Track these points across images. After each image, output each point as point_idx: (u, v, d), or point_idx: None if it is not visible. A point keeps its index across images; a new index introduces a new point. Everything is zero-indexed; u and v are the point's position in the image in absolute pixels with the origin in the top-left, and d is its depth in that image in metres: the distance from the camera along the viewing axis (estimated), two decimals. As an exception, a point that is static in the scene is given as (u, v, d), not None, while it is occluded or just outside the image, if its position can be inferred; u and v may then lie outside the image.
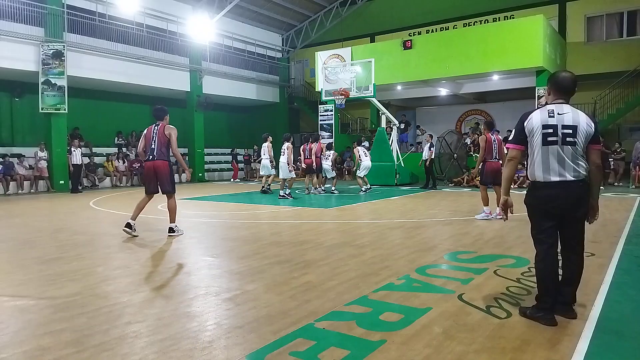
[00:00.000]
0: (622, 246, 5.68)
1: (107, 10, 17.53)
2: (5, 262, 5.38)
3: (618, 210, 9.07)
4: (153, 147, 6.69)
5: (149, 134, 6.79)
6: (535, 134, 3.21)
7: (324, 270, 4.71)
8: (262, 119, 25.39)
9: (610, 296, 3.75)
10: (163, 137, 6.69)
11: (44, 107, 15.80)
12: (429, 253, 5.48)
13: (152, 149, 6.70)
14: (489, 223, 7.61)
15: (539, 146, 3.20)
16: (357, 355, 2.75)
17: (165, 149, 6.74)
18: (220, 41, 21.87)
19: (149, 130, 6.83)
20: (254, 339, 3.00)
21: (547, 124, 3.18)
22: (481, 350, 2.80)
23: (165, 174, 6.71)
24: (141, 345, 2.93)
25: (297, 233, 7.00)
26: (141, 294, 4.00)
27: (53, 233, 7.31)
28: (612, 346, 2.87)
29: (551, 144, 3.17)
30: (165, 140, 6.70)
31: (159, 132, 6.72)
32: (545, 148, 3.18)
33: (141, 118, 21.56)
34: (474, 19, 20.24)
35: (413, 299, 3.76)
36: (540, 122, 3.20)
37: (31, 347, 2.91)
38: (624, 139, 17.30)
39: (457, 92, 20.24)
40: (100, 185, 17.66)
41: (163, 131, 6.71)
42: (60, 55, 15.64)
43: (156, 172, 6.69)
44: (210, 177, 22.51)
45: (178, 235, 6.83)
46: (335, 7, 23.91)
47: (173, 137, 6.71)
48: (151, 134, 6.76)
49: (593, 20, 18.86)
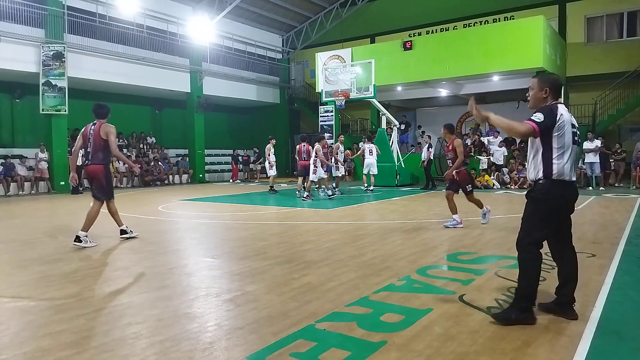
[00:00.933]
0: (622, 247, 5.67)
1: (108, 12, 17.55)
2: (6, 263, 5.38)
3: (619, 211, 9.06)
4: (89, 150, 6.24)
5: (86, 133, 6.28)
6: (566, 131, 3.19)
7: (324, 271, 4.70)
8: (262, 120, 25.40)
9: (610, 297, 3.74)
10: (99, 138, 6.18)
11: (45, 108, 15.81)
12: (430, 254, 5.48)
13: (87, 152, 6.27)
14: (489, 223, 7.60)
15: (570, 144, 3.19)
16: (357, 356, 2.74)
17: (102, 152, 6.25)
18: (221, 42, 21.89)
19: (86, 129, 6.32)
20: (255, 340, 2.99)
21: (573, 123, 3.25)
22: (482, 351, 2.80)
23: (98, 179, 6.26)
24: (141, 346, 2.93)
25: (297, 234, 7.00)
26: (141, 295, 4.00)
27: (53, 234, 7.31)
28: (612, 347, 2.87)
29: (574, 143, 3.24)
30: (101, 141, 6.19)
31: (95, 132, 6.22)
32: (574, 147, 3.23)
33: (141, 119, 21.62)
34: (474, 20, 20.24)
35: (414, 300, 3.75)
36: (570, 120, 3.23)
37: (31, 348, 2.91)
38: (625, 139, 17.27)
39: (458, 92, 20.23)
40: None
41: (99, 131, 6.19)
42: (60, 57, 15.65)
43: (91, 177, 6.30)
44: (211, 178, 22.51)
45: (86, 246, 6.07)
46: (336, 8, 23.92)
47: (111, 138, 6.20)
48: (88, 134, 6.26)
49: (593, 21, 18.85)
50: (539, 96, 3.29)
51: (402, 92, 20.82)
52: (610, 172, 15.35)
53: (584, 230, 6.88)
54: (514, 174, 15.66)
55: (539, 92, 3.29)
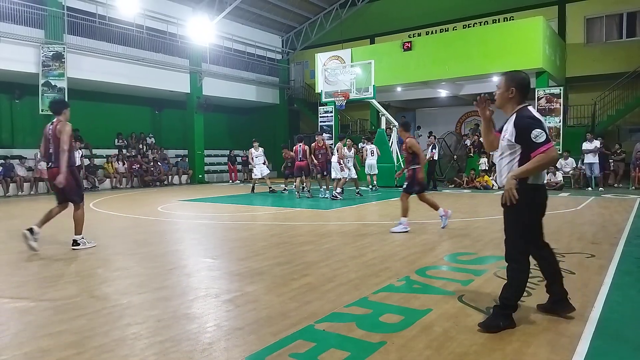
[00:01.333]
0: (622, 247, 5.68)
1: (107, 12, 17.55)
2: (6, 263, 5.38)
3: (618, 211, 9.07)
4: (51, 152, 5.89)
5: (46, 133, 5.95)
6: None
7: (324, 271, 4.70)
8: (262, 121, 25.40)
9: (610, 297, 3.74)
10: (56, 138, 5.79)
11: (44, 109, 15.80)
12: (429, 254, 5.48)
13: (50, 154, 5.93)
14: (489, 224, 7.61)
15: None
16: (357, 356, 2.74)
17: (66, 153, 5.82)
18: (220, 43, 21.90)
19: (46, 129, 5.99)
20: (254, 340, 3.00)
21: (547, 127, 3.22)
22: (482, 351, 2.80)
23: (67, 182, 5.83)
24: (141, 346, 2.93)
25: (297, 234, 7.00)
26: (141, 295, 4.00)
27: (53, 234, 7.30)
28: (612, 348, 2.87)
29: None
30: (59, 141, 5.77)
31: (52, 131, 5.84)
32: None
33: (141, 120, 21.63)
34: (473, 21, 20.27)
35: (413, 301, 3.75)
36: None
37: (31, 349, 2.91)
38: (624, 140, 17.29)
39: (457, 93, 20.26)
40: (100, 187, 17.65)
41: (56, 130, 5.81)
42: (60, 57, 15.66)
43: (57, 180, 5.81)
44: (210, 179, 22.51)
45: (86, 247, 5.99)
46: (335, 9, 23.94)
47: (64, 137, 5.72)
48: (47, 134, 5.93)
49: (593, 22, 18.88)
50: (505, 96, 3.20)
51: (401, 92, 20.84)
52: (609, 173, 15.38)
53: (584, 231, 6.89)
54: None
55: (505, 92, 3.20)
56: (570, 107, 18.66)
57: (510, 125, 3.14)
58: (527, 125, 3.03)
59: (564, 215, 8.55)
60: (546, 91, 16.02)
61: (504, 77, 3.26)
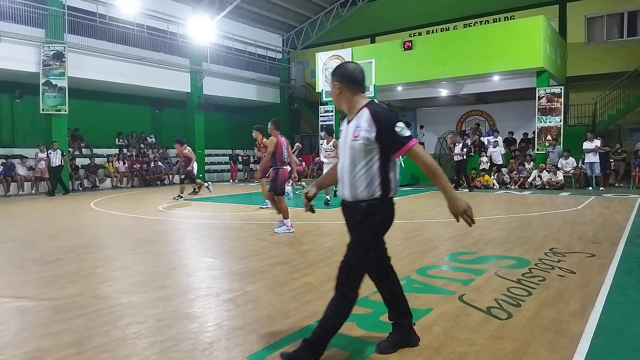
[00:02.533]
0: (622, 247, 5.67)
1: (108, 12, 17.54)
2: (6, 263, 5.38)
3: (619, 211, 9.06)
4: None
5: None
6: None
7: (324, 271, 4.70)
8: (262, 120, 25.02)
9: (610, 297, 3.74)
10: None
11: (45, 108, 15.82)
12: (430, 254, 5.48)
13: None
14: (489, 223, 7.61)
15: None
16: (357, 356, 2.75)
17: None
18: (221, 42, 21.88)
19: None
20: (255, 340, 3.00)
21: None
22: (482, 351, 2.80)
23: None
24: (142, 346, 2.93)
25: (297, 234, 6.99)
26: (141, 295, 4.00)
27: (53, 234, 7.31)
28: (612, 347, 2.87)
29: None
30: None
31: None
32: None
33: (142, 119, 21.64)
34: (474, 20, 20.24)
35: (414, 300, 3.75)
36: None
37: (31, 349, 2.91)
38: (625, 139, 17.28)
39: (458, 92, 20.22)
40: (101, 187, 17.66)
41: None
42: (60, 57, 15.66)
43: None
44: (210, 178, 22.50)
45: None
46: (336, 8, 23.92)
47: None
48: None
49: (593, 21, 18.85)
50: (335, 94, 2.70)
51: (402, 92, 20.81)
52: (610, 172, 15.37)
53: (584, 230, 6.88)
54: (513, 174, 15.67)
55: (333, 90, 2.72)
56: (570, 106, 18.65)
57: (365, 123, 2.55)
58: (389, 119, 2.54)
59: (565, 215, 8.55)
60: (547, 90, 16.00)
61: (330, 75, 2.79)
